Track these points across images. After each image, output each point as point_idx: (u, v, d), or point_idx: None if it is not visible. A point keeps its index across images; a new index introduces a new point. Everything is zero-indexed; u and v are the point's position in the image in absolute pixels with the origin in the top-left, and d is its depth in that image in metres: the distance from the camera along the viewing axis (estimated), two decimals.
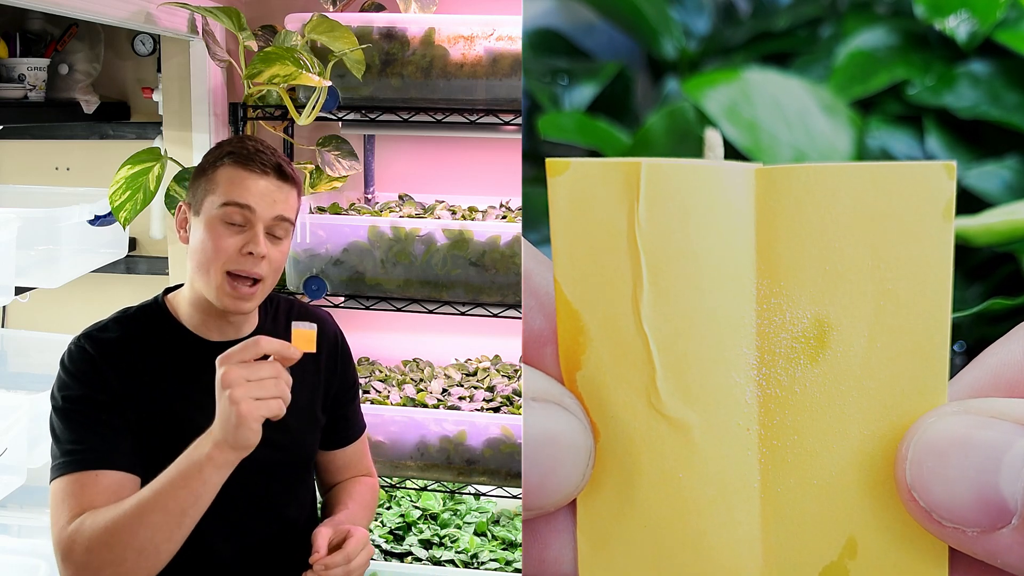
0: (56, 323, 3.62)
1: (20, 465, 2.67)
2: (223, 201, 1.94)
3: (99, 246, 3.14)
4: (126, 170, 2.70)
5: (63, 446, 1.92)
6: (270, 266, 1.98)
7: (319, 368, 2.22)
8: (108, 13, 2.45)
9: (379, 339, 3.61)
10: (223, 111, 3.19)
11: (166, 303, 2.10)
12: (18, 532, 3.32)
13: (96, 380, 1.94)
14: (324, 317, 2.31)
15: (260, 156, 1.97)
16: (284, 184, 1.99)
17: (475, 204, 3.24)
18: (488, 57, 2.79)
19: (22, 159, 3.71)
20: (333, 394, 2.25)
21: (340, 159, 3.04)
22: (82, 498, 1.85)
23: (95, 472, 1.88)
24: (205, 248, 1.95)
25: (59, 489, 1.88)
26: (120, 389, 1.95)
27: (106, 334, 2.03)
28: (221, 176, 1.96)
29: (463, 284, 2.86)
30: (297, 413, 2.12)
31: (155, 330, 2.06)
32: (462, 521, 3.49)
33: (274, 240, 1.99)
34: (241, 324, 2.11)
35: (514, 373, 3.39)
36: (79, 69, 3.32)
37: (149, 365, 1.98)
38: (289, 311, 2.26)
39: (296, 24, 2.81)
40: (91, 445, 1.90)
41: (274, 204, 1.97)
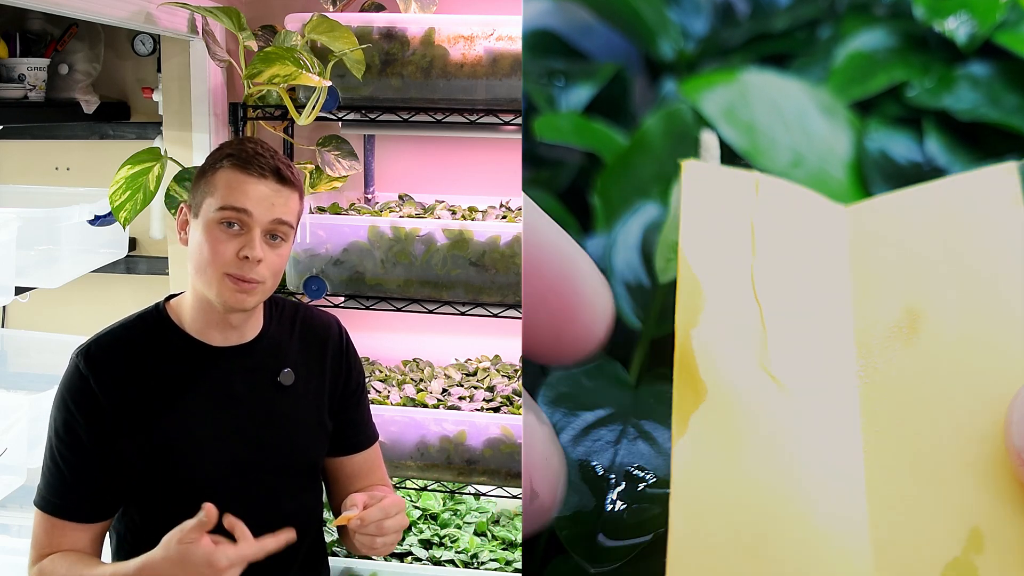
0: (56, 323, 3.62)
1: (20, 465, 2.67)
2: (221, 204, 1.93)
3: (99, 246, 3.14)
4: (126, 170, 2.70)
5: (45, 480, 2.00)
6: (268, 269, 1.97)
7: (324, 371, 2.21)
8: (108, 13, 2.45)
9: (379, 339, 3.61)
10: (223, 111, 3.19)
11: (167, 309, 2.10)
12: (18, 532, 3.32)
13: (86, 414, 1.96)
14: (330, 318, 2.30)
15: (259, 159, 1.96)
16: (283, 188, 1.98)
17: (475, 204, 3.24)
18: (488, 57, 2.79)
19: (22, 159, 3.71)
20: (339, 398, 2.24)
21: (340, 159, 3.04)
22: (51, 539, 1.97)
23: (63, 521, 1.97)
24: (203, 251, 1.95)
25: (35, 520, 2.00)
26: (114, 412, 1.96)
27: (104, 346, 2.04)
28: (220, 179, 1.96)
29: (463, 284, 2.86)
30: (302, 418, 2.13)
31: (156, 337, 2.06)
32: (462, 521, 3.49)
33: (273, 243, 1.99)
34: (244, 328, 2.10)
35: (514, 373, 3.39)
36: (79, 69, 3.32)
37: (149, 373, 1.98)
38: (295, 315, 2.24)
39: (296, 24, 2.81)
40: (64, 496, 1.98)
41: (272, 208, 1.96)
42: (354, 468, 2.28)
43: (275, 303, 2.22)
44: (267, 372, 2.11)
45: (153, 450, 1.96)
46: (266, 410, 2.09)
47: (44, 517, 1.96)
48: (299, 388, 2.14)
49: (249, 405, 2.01)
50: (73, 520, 1.95)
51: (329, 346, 2.23)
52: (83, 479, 1.96)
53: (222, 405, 2.03)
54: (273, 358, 2.13)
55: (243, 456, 2.04)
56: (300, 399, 2.14)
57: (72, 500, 1.96)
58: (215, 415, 1.99)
